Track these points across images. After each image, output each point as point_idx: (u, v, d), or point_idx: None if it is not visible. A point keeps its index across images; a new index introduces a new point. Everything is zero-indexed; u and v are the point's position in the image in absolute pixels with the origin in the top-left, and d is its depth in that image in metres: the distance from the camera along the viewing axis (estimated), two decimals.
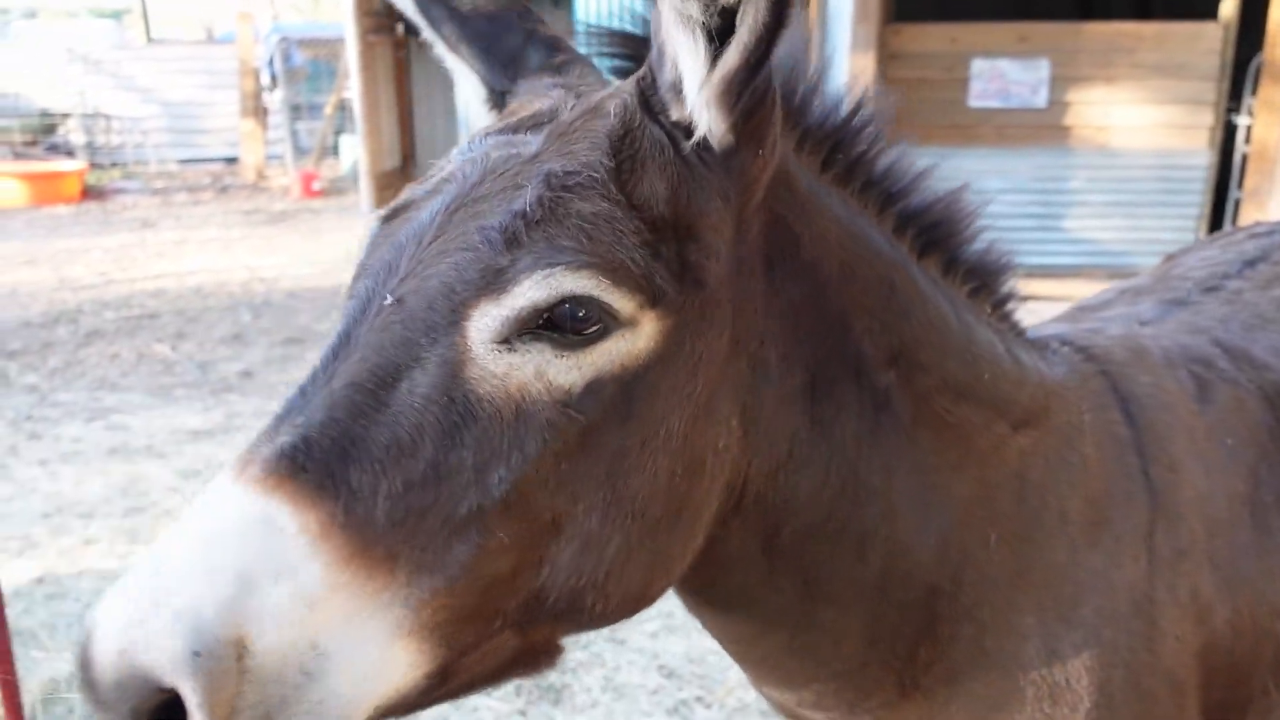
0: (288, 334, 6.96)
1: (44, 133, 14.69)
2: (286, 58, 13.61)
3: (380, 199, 11.80)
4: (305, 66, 13.99)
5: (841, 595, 1.14)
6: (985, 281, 1.27)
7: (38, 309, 7.72)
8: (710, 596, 1.13)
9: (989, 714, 1.21)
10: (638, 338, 0.92)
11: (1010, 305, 1.30)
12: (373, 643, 0.86)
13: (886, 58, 7.42)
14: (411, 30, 12.84)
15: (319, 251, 9.71)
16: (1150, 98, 7.51)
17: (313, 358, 0.98)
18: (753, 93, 0.95)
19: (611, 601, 0.96)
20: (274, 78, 13.82)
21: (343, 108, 13.59)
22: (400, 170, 13.25)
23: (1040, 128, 7.53)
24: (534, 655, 0.99)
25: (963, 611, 1.19)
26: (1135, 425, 1.29)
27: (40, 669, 3.27)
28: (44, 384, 6.06)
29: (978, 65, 7.51)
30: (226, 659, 0.80)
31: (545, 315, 0.90)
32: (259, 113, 14.20)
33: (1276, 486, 1.32)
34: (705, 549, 1.05)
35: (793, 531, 1.09)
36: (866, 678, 1.20)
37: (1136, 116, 7.53)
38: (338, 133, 13.74)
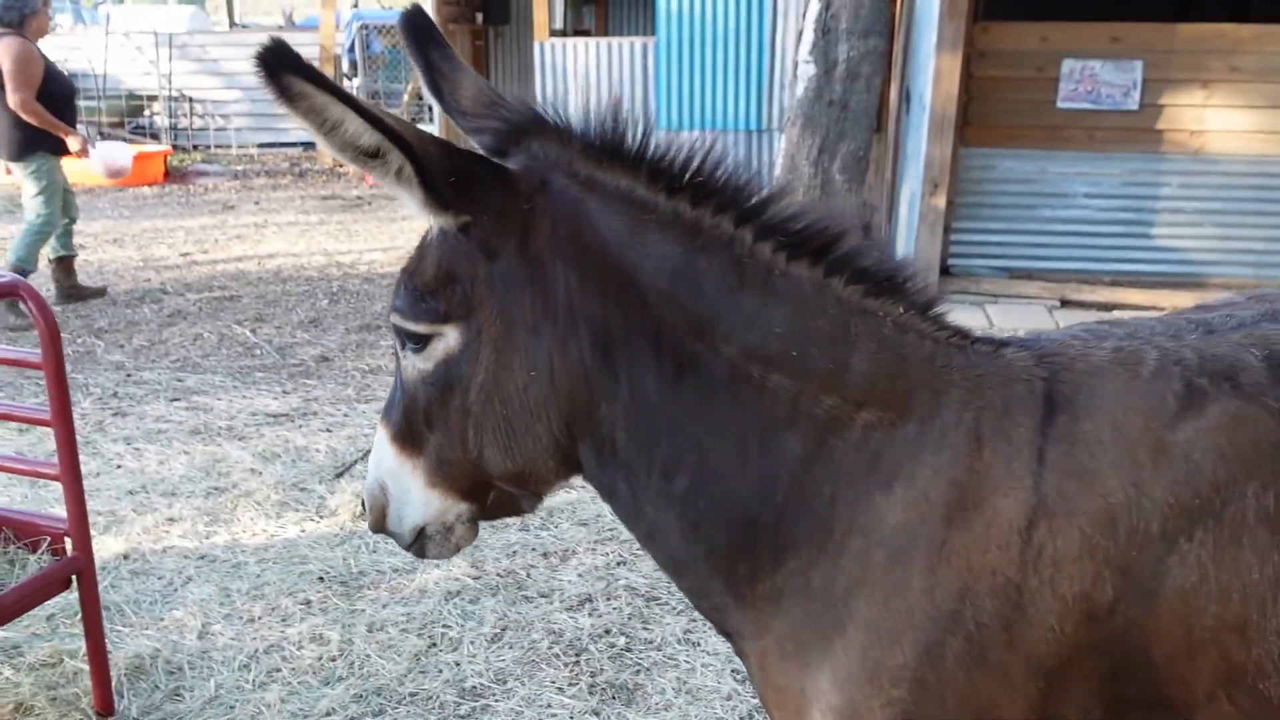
0: (363, 320, 7.04)
1: (130, 115, 15.04)
2: (367, 45, 13.77)
3: None
4: (384, 54, 14.14)
5: (655, 500, 1.51)
6: (891, 287, 1.46)
7: (123, 287, 7.91)
8: (600, 493, 1.61)
9: (811, 640, 1.44)
10: (447, 339, 1.49)
11: (934, 309, 1.49)
12: (413, 488, 1.61)
13: (974, 56, 7.28)
14: (491, 19, 12.93)
15: (393, 238, 9.81)
16: (1247, 102, 7.27)
17: (387, 344, 2.14)
18: (457, 197, 1.41)
19: (502, 475, 1.56)
20: (354, 64, 13.98)
21: (419, 95, 13.72)
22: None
23: (1131, 131, 7.33)
24: (512, 501, 1.63)
25: (788, 545, 1.45)
26: (1047, 431, 1.39)
27: (126, 643, 3.34)
28: (129, 362, 6.20)
29: (1068, 66, 7.33)
30: (378, 494, 1.64)
31: (402, 335, 1.53)
32: None
33: (1262, 507, 1.34)
34: (570, 454, 1.54)
35: (613, 448, 1.51)
36: (698, 574, 1.55)
37: (1232, 121, 7.30)
38: (414, 120, 13.89)
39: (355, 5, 15.21)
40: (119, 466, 4.72)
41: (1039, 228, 7.64)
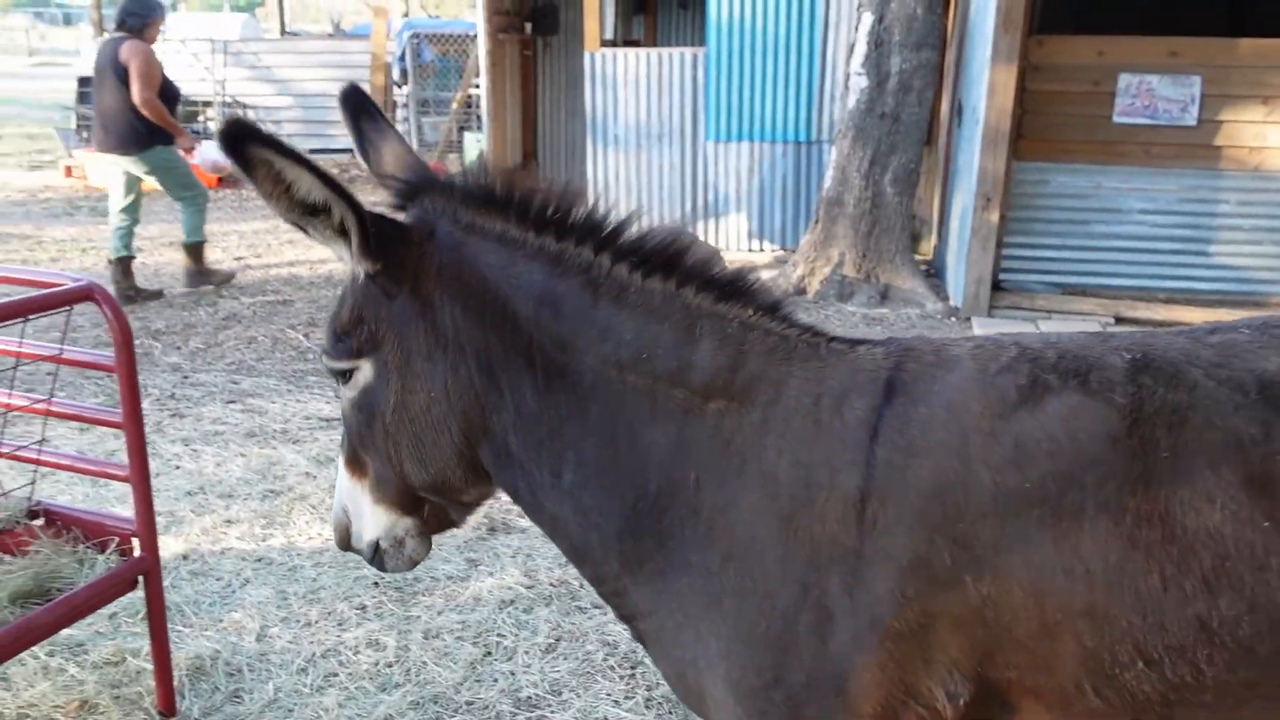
0: None
1: (186, 120, 15.26)
2: (418, 53, 13.91)
3: None
4: (434, 62, 14.28)
5: (549, 495, 1.70)
6: (736, 292, 1.65)
7: (179, 290, 8.03)
8: (507, 494, 1.81)
9: (696, 613, 1.57)
10: (364, 371, 1.73)
11: (781, 310, 1.67)
12: (364, 507, 1.84)
13: (1029, 69, 7.22)
14: (539, 30, 13.00)
15: None
16: None
17: None
18: (379, 252, 1.63)
19: (424, 487, 1.79)
20: (404, 72, 14.13)
21: (468, 104, 13.83)
22: (521, 167, 13.41)
23: (1189, 147, 7.23)
24: (443, 512, 1.87)
25: (666, 527, 1.60)
26: (883, 413, 1.52)
27: (186, 644, 3.38)
28: (185, 364, 6.30)
29: (1125, 80, 7.25)
30: (342, 516, 1.88)
31: (331, 372, 1.79)
32: (387, 106, 14.54)
33: (1101, 497, 1.41)
34: (474, 461, 1.75)
35: (508, 453, 1.71)
36: (594, 560, 1.71)
37: None
38: (461, 128, 13.98)
39: (406, 14, 15.37)
40: (177, 467, 4.79)
41: (1093, 243, 7.55)
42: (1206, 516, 1.38)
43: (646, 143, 9.15)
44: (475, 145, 13.38)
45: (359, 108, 1.89)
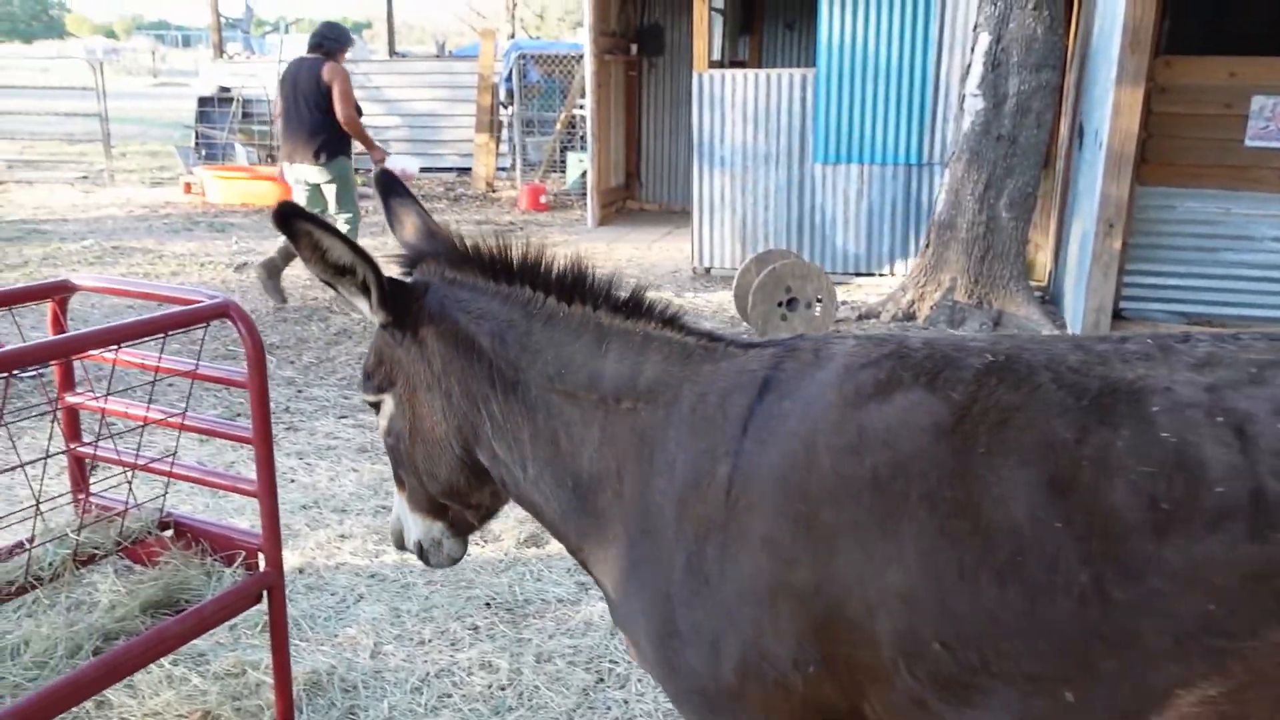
0: None
1: None
2: (524, 74, 14.09)
3: (604, 215, 12.00)
4: (540, 83, 14.44)
5: (523, 485, 2.04)
6: (638, 310, 1.96)
7: (293, 305, 8.22)
8: (503, 490, 2.14)
9: (623, 575, 1.88)
10: (386, 404, 2.11)
11: (680, 322, 1.97)
12: (406, 515, 2.22)
13: (1155, 91, 6.97)
14: (645, 51, 13.07)
15: None
16: None
17: None
18: (390, 306, 1.98)
19: (441, 494, 2.14)
20: (510, 93, 14.32)
21: (571, 124, 13.95)
22: (624, 187, 13.46)
23: None
24: (462, 517, 2.21)
25: (604, 507, 1.91)
26: (755, 410, 1.73)
27: (304, 659, 3.41)
28: (299, 378, 6.42)
29: (1258, 102, 6.94)
30: (395, 523, 2.28)
31: (368, 405, 2.18)
32: (493, 126, 14.75)
33: (924, 488, 1.52)
34: (476, 468, 2.08)
35: (493, 455, 2.04)
36: (563, 535, 2.05)
37: None
38: (564, 148, 14.10)
39: (512, 36, 15.59)
40: (292, 480, 4.86)
41: (1221, 272, 7.24)
42: (1009, 513, 1.46)
43: (753, 164, 9.09)
44: (578, 165, 13.49)
45: (388, 187, 2.25)
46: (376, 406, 2.15)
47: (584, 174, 12.60)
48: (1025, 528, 1.44)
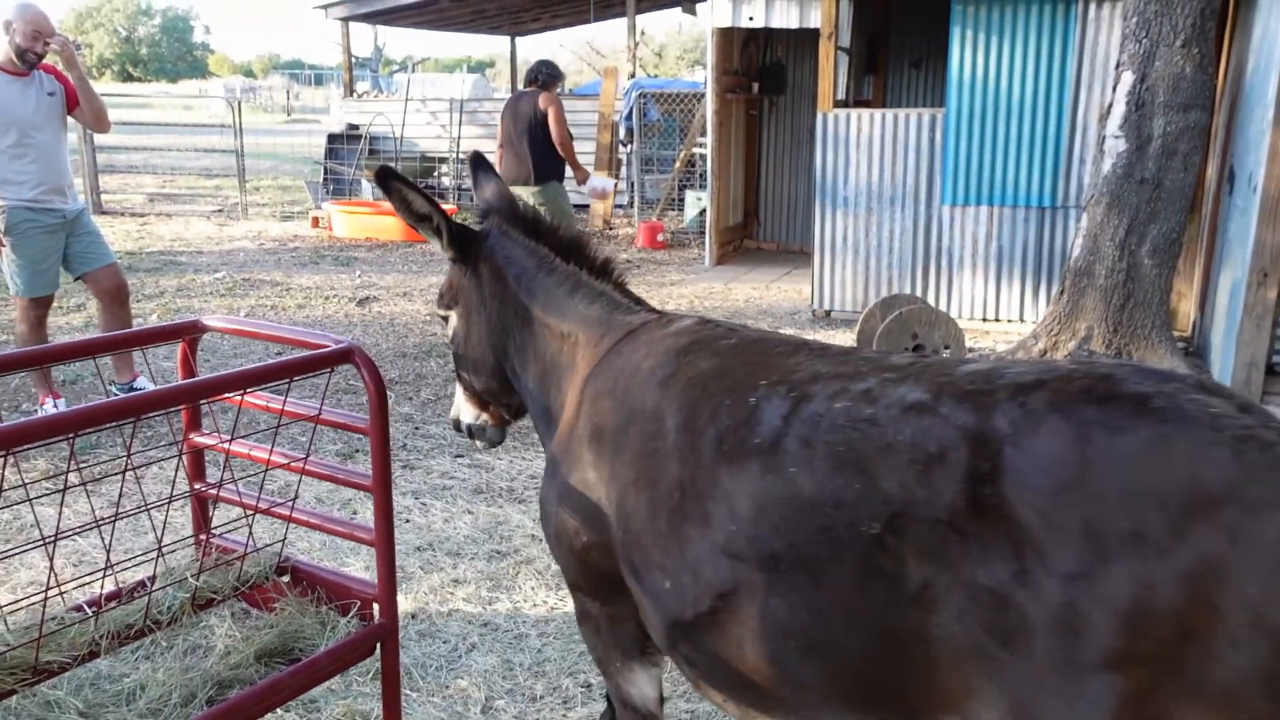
0: None
1: (422, 175, 16.08)
2: (644, 113, 14.13)
3: (721, 254, 11.87)
4: (660, 122, 14.46)
5: (529, 392, 2.67)
6: (604, 272, 2.63)
7: (412, 340, 8.30)
8: (520, 394, 2.74)
9: (548, 470, 2.44)
10: (451, 319, 2.78)
11: (626, 285, 2.65)
12: (461, 403, 2.94)
13: None
14: (767, 90, 12.96)
15: (663, 305, 9.85)
16: None
17: None
18: (457, 245, 2.68)
19: (482, 390, 2.81)
20: (629, 131, 14.37)
21: (690, 162, 13.91)
22: (742, 226, 13.33)
23: None
24: (497, 415, 2.89)
25: (553, 408, 2.56)
26: (603, 359, 2.39)
27: (414, 710, 3.33)
28: (417, 415, 6.44)
29: None
30: (455, 410, 3.04)
31: (438, 318, 2.86)
32: (612, 164, 14.81)
33: (649, 429, 2.11)
34: (504, 375, 2.71)
35: (514, 368, 2.68)
36: (544, 426, 2.63)
37: None
38: (683, 186, 14.06)
39: (632, 75, 15.67)
40: (407, 521, 4.83)
41: None
42: (664, 444, 2.07)
43: (878, 205, 8.87)
44: (696, 203, 13.43)
45: (475, 164, 2.97)
46: (444, 320, 2.85)
47: (702, 212, 12.53)
48: (668, 456, 2.04)
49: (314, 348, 2.84)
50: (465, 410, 2.96)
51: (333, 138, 17.49)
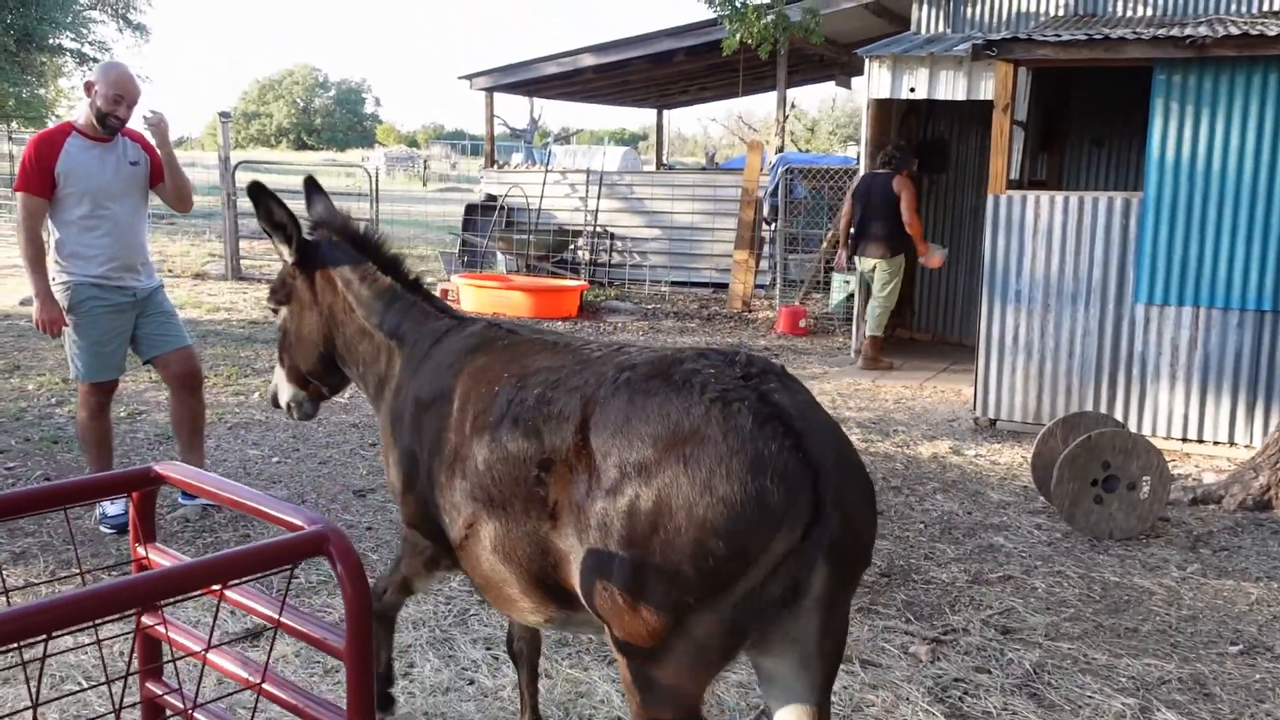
0: None
1: (556, 249, 15.53)
2: (790, 189, 13.23)
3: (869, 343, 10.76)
4: (807, 198, 13.53)
5: (355, 373, 3.41)
6: (414, 288, 3.31)
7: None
8: (347, 374, 3.49)
9: (386, 439, 3.20)
10: (284, 312, 3.48)
11: (431, 296, 3.34)
12: (282, 382, 3.62)
13: None
14: (927, 167, 11.90)
15: None
16: None
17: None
18: (298, 250, 3.33)
19: (308, 371, 3.51)
20: (774, 208, 13.48)
21: (836, 242, 12.89)
22: (894, 314, 12.20)
23: None
24: (316, 390, 3.60)
25: (387, 380, 3.24)
26: (427, 355, 3.08)
27: None
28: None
29: None
30: (271, 388, 3.79)
31: (270, 309, 3.54)
32: (754, 243, 13.94)
33: (444, 398, 2.88)
34: (330, 359, 3.43)
35: (342, 355, 3.40)
36: (373, 395, 3.35)
37: None
38: (829, 268, 13.03)
39: (780, 149, 14.83)
40: (471, 683, 3.93)
41: None
42: (443, 411, 2.84)
43: (1057, 301, 7.67)
44: (843, 287, 12.38)
45: (310, 186, 3.62)
46: (275, 312, 3.46)
47: (849, 297, 11.49)
48: (449, 429, 2.77)
49: (282, 524, 2.02)
50: (285, 389, 3.57)
51: (470, 208, 17.19)
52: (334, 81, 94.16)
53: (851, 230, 10.22)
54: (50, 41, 29.31)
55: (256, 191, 3.22)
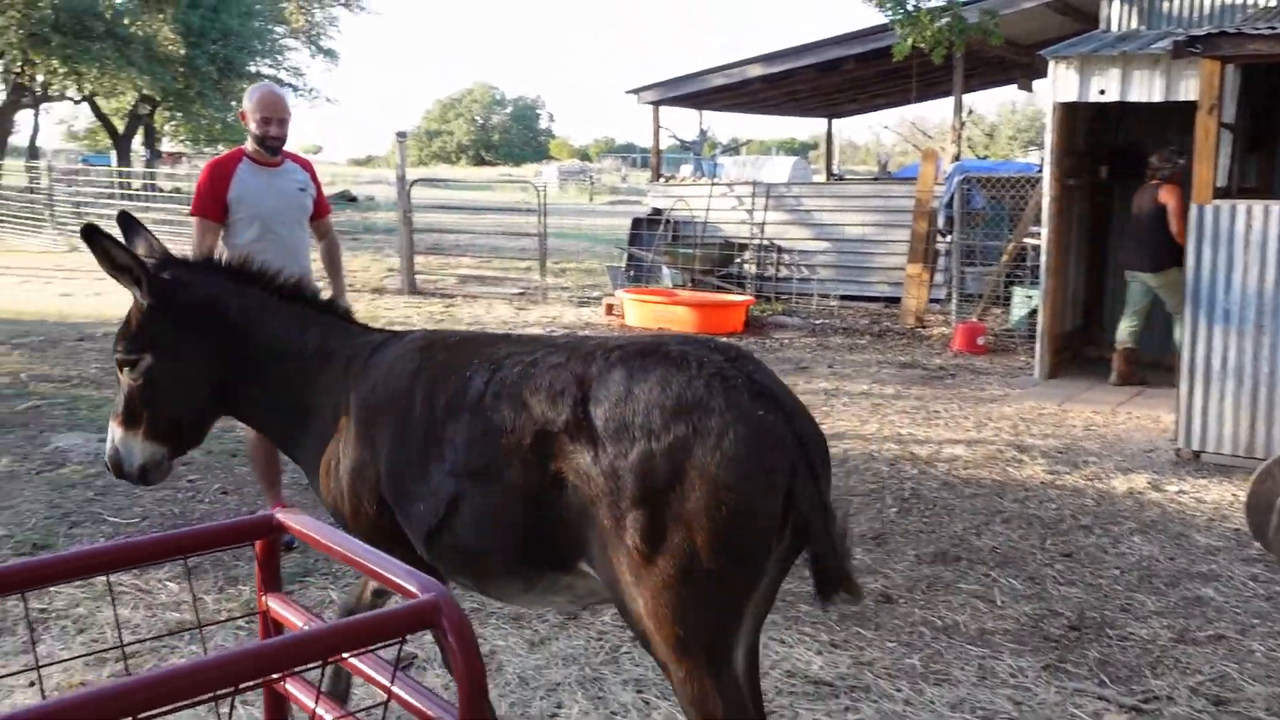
0: (937, 544, 5.61)
1: (721, 263, 15.29)
2: (967, 199, 12.59)
3: (1054, 364, 10.12)
4: (985, 209, 12.85)
5: (261, 413, 3.46)
6: (327, 309, 3.41)
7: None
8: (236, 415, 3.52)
9: (311, 455, 3.26)
10: (146, 360, 3.18)
11: (350, 316, 3.48)
12: (134, 443, 3.25)
13: None
14: (1118, 173, 11.09)
15: (980, 427, 8.27)
16: None
17: (970, 587, 4.80)
18: (153, 293, 3.15)
19: (184, 423, 3.32)
20: (950, 219, 12.86)
21: (1020, 255, 12.18)
22: (1082, 331, 11.44)
23: None
24: (187, 445, 3.44)
25: (313, 409, 3.25)
26: (366, 364, 3.14)
27: None
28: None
29: None
30: (114, 454, 3.30)
31: (122, 364, 3.22)
32: (927, 255, 13.34)
33: (400, 399, 3.00)
34: (214, 404, 3.36)
35: (235, 395, 3.34)
36: (281, 441, 3.53)
37: None
38: (1009, 281, 12.31)
39: (956, 157, 14.16)
40: None
41: None
42: (412, 407, 2.95)
43: (1272, 321, 6.91)
44: (1025, 302, 11.69)
45: (128, 224, 3.45)
46: (131, 364, 3.17)
47: (1032, 313, 10.82)
48: (417, 420, 2.90)
49: (392, 587, 1.86)
50: (140, 449, 3.24)
51: (637, 222, 17.16)
52: (510, 99, 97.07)
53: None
54: (249, 69, 31.14)
55: (89, 234, 2.96)
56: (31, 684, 3.96)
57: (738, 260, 15.55)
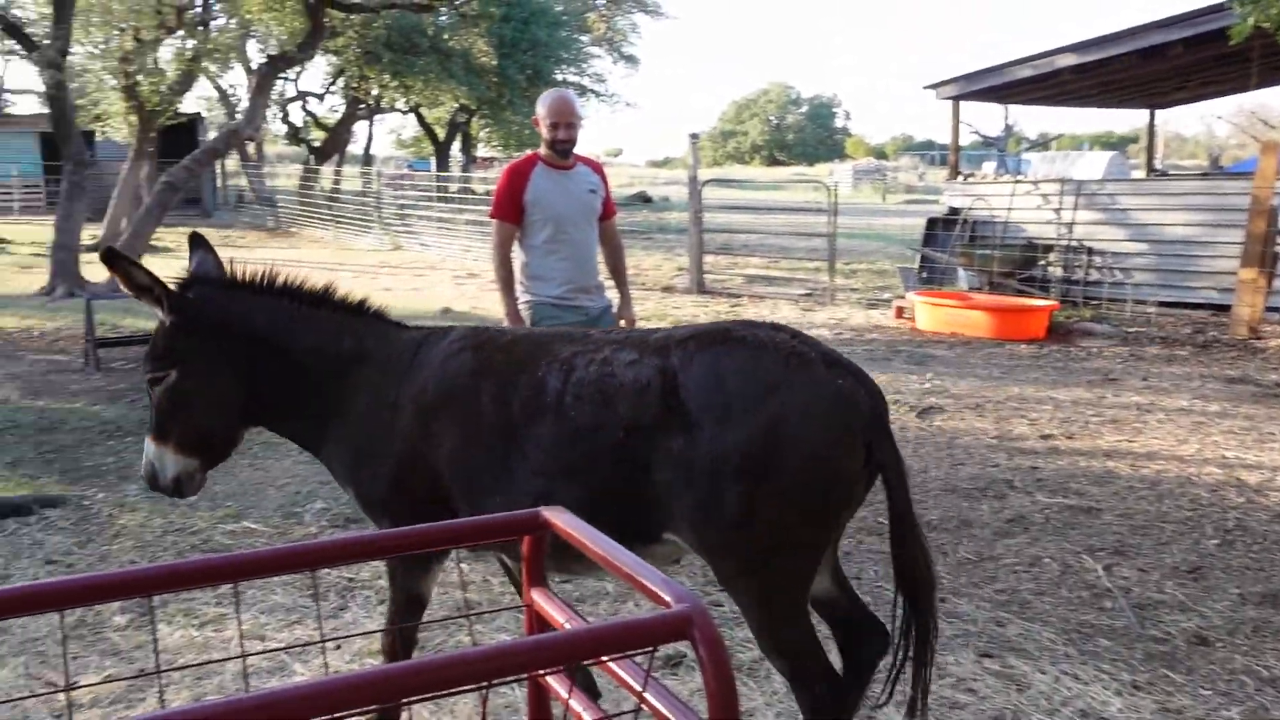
0: (1267, 584, 4.98)
1: (1023, 265, 14.41)
2: None
3: None
4: None
5: (297, 419, 3.44)
6: (360, 311, 3.48)
7: (967, 471, 6.90)
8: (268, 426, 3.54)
9: (346, 457, 3.36)
10: (173, 375, 3.22)
11: (383, 316, 3.52)
12: (167, 457, 3.27)
13: None
14: None
15: None
16: None
17: None
18: (174, 310, 3.22)
19: (215, 436, 3.35)
20: None
21: None
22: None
23: None
24: (219, 457, 3.42)
25: (325, 411, 3.35)
26: (411, 363, 3.26)
27: None
28: (948, 579, 5.07)
29: None
30: (150, 466, 3.32)
31: (150, 381, 3.28)
32: (1264, 258, 11.95)
33: (461, 396, 3.15)
34: (247, 415, 3.38)
35: (270, 404, 3.38)
36: (307, 443, 3.51)
37: None
38: None
39: None
40: None
41: None
42: (481, 406, 3.11)
43: None
44: None
45: (196, 241, 3.52)
46: (159, 380, 3.22)
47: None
48: (491, 421, 3.06)
49: (651, 596, 1.83)
50: (174, 462, 3.26)
51: (932, 222, 16.53)
52: (806, 98, 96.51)
53: None
54: (556, 77, 32.71)
55: (110, 258, 3.08)
56: (338, 646, 4.31)
57: (1042, 262, 14.60)
